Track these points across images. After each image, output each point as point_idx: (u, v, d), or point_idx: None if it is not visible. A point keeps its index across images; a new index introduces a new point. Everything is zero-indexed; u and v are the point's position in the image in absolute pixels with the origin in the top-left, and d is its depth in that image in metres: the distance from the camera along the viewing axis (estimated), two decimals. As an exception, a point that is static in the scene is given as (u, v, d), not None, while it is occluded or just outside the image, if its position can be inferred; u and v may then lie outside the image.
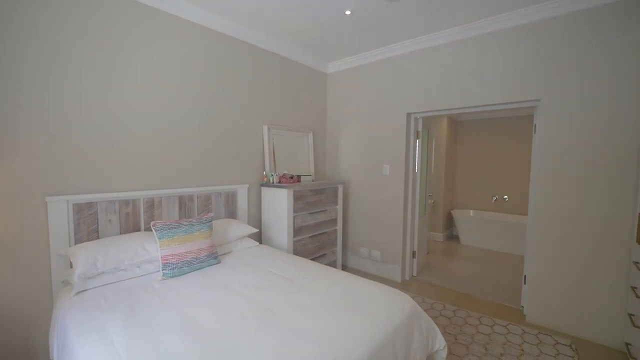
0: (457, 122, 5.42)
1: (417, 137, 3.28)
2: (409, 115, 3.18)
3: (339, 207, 3.37)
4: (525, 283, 2.71)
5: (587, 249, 2.24)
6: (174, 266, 1.87)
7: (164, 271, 1.84)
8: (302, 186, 2.86)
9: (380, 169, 3.36)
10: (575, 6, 2.19)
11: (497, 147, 5.01)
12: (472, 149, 5.28)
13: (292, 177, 3.08)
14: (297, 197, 2.84)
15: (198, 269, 1.98)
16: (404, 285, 3.18)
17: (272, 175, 2.95)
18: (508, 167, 4.90)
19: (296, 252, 2.86)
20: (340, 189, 3.37)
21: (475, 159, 5.26)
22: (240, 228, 2.51)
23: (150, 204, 2.23)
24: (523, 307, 2.71)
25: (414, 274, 3.42)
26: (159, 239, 1.90)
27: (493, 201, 5.04)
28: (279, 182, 2.98)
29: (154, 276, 1.86)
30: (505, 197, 4.93)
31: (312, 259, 3.04)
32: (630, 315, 1.91)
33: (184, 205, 2.43)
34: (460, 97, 2.79)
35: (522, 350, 2.11)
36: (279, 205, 2.81)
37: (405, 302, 1.63)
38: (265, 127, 3.04)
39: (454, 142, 5.36)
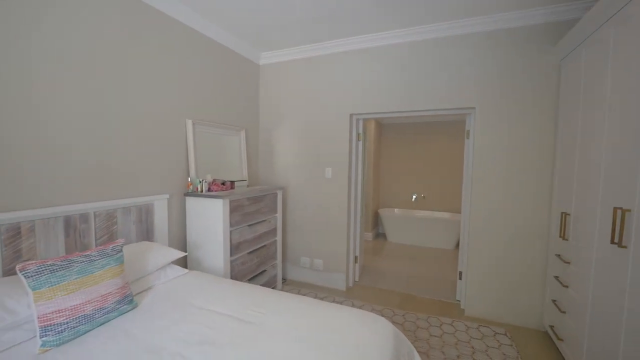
0: (380, 125, 5.67)
1: (359, 139, 3.19)
2: (351, 116, 3.06)
3: (279, 215, 3.02)
4: (460, 279, 2.90)
5: (513, 244, 2.49)
6: (63, 328, 1.23)
7: (44, 339, 1.19)
8: (239, 194, 2.41)
9: (322, 172, 3.14)
10: (506, 24, 2.39)
11: (415, 149, 5.42)
12: (394, 150, 5.60)
13: (224, 184, 2.60)
14: (234, 208, 2.37)
15: (104, 323, 1.37)
16: (349, 293, 3.04)
17: (200, 182, 2.40)
18: (425, 168, 5.36)
19: (234, 273, 2.40)
20: (280, 195, 3.02)
21: (396, 160, 5.58)
22: (162, 254, 1.92)
23: (14, 233, 1.48)
24: (459, 301, 2.89)
25: (356, 279, 3.34)
26: (34, 289, 1.22)
27: (413, 199, 5.45)
28: (210, 190, 2.46)
29: (25, 348, 1.19)
30: (423, 195, 5.38)
31: (251, 278, 2.63)
32: (554, 300, 2.17)
33: (74, 229, 1.71)
34: (404, 101, 2.79)
35: (472, 347, 2.19)
36: (211, 219, 2.29)
37: (388, 329, 1.43)
38: (189, 123, 2.45)
39: (379, 144, 5.59)
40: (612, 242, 1.47)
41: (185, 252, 2.37)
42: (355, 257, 3.29)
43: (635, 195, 1.35)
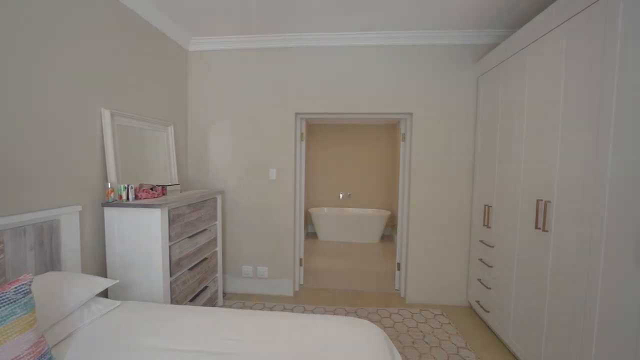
0: (310, 125, 5.70)
1: (302, 139, 3.10)
2: (296, 115, 2.95)
3: (219, 222, 2.68)
4: (398, 270, 3.15)
5: (443, 234, 2.84)
6: None
7: None
8: (176, 200, 2.02)
9: (265, 173, 2.94)
10: (438, 40, 2.69)
11: (341, 149, 5.65)
12: (320, 150, 5.72)
13: (154, 189, 2.15)
14: (173, 218, 1.98)
15: (13, 404, 0.93)
16: (297, 298, 2.94)
17: (124, 188, 1.91)
18: (350, 167, 5.65)
19: (174, 295, 2.00)
20: (219, 199, 2.68)
21: (322, 160, 5.72)
22: (83, 285, 1.44)
23: None
24: (398, 290, 3.14)
25: (302, 282, 3.26)
26: None
27: (340, 198, 5.68)
28: (137, 197, 1.99)
29: None
30: (349, 193, 5.67)
31: (193, 299, 2.26)
32: (479, 279, 2.57)
33: None
34: (348, 103, 2.84)
35: (421, 331, 2.40)
36: (144, 233, 1.85)
37: (381, 336, 1.41)
38: (106, 114, 1.92)
39: (309, 143, 5.61)
40: (536, 227, 1.82)
41: (107, 278, 1.85)
42: (300, 260, 3.20)
43: (554, 189, 1.70)
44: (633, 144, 1.22)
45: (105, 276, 1.91)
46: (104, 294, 1.85)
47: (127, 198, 1.92)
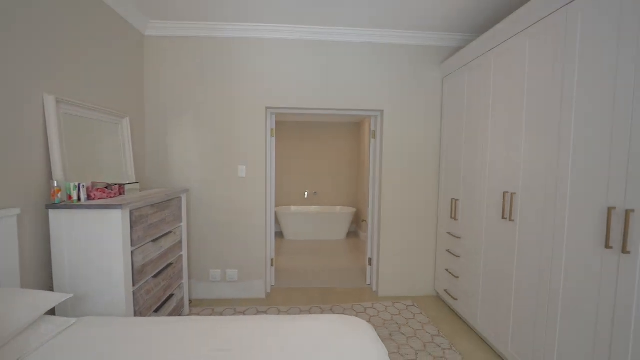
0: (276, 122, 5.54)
1: (272, 135, 2.99)
2: (267, 109, 2.83)
3: (184, 224, 2.46)
4: (370, 265, 3.20)
5: (412, 228, 2.95)
6: None
7: None
8: (138, 200, 1.80)
9: (234, 170, 2.77)
10: (409, 41, 2.78)
11: (306, 147, 5.60)
12: (285, 148, 5.61)
13: (108, 187, 1.90)
14: (136, 220, 1.76)
15: None
16: (270, 300, 2.83)
17: (74, 187, 1.65)
18: (316, 165, 5.62)
19: (138, 307, 1.78)
20: (184, 199, 2.47)
21: (287, 158, 5.62)
22: (30, 302, 1.20)
23: None
24: (370, 284, 3.19)
25: (273, 283, 3.15)
26: None
27: (306, 196, 5.63)
28: (90, 197, 1.74)
29: None
30: (315, 191, 5.65)
31: (158, 309, 2.04)
32: (447, 269, 2.71)
33: None
34: (320, 98, 2.80)
35: (397, 323, 2.46)
36: (101, 238, 1.61)
37: (372, 331, 1.40)
38: (50, 99, 1.63)
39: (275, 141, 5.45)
40: (503, 217, 1.96)
41: (55, 292, 1.58)
42: (272, 260, 3.09)
43: (519, 182, 1.84)
44: (591, 138, 1.36)
45: (52, 289, 1.63)
46: (52, 311, 1.58)
47: (79, 198, 1.66)
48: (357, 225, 5.56)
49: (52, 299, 1.27)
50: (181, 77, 2.68)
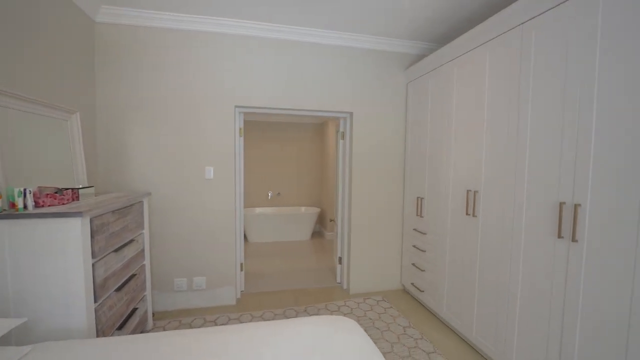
0: (231, 121, 5.35)
1: (241, 135, 2.89)
2: (236, 108, 2.72)
3: (146, 231, 2.26)
4: (340, 263, 3.25)
5: (379, 226, 3.07)
6: None
7: None
8: (101, 207, 1.61)
9: (200, 171, 2.62)
10: (377, 46, 2.88)
11: (269, 148, 5.50)
12: (248, 149, 5.44)
13: (59, 192, 1.68)
14: (97, 229, 1.57)
15: None
16: (241, 306, 2.73)
17: (19, 193, 1.42)
18: (279, 166, 5.55)
19: (100, 326, 1.59)
20: (146, 203, 2.27)
21: (250, 158, 5.46)
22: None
23: None
24: (340, 283, 3.25)
25: (243, 288, 3.04)
26: None
27: (269, 197, 5.52)
28: (39, 204, 1.52)
29: None
30: (279, 192, 5.57)
31: (121, 326, 1.85)
32: (413, 264, 2.88)
33: None
34: (289, 99, 2.77)
35: (370, 318, 2.54)
36: (56, 251, 1.41)
37: (360, 328, 1.43)
38: (-15, 91, 1.38)
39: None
40: (467, 214, 2.14)
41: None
42: (241, 265, 2.98)
43: (481, 180, 2.03)
44: (544, 141, 1.56)
45: (-9, 315, 1.38)
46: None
47: (25, 206, 1.43)
48: (321, 225, 5.62)
49: (4, 325, 1.08)
50: (139, 71, 2.45)
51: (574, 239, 1.42)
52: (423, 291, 2.72)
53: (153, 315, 2.51)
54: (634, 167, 1.20)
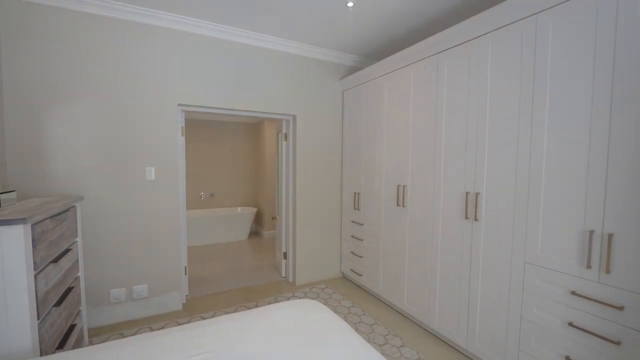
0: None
1: (182, 134, 2.79)
2: (179, 106, 2.63)
3: (80, 238, 2.04)
4: (285, 258, 3.42)
5: (321, 220, 3.35)
6: None
7: None
8: (42, 212, 1.45)
9: (141, 172, 2.46)
10: (319, 56, 3.13)
11: (200, 147, 5.26)
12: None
13: (-24, 200, 1.45)
14: (37, 238, 1.41)
15: None
16: (189, 310, 2.66)
17: None
18: (211, 166, 5.36)
19: (43, 345, 1.44)
20: (79, 208, 2.04)
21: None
22: None
23: None
24: (286, 277, 3.42)
25: (187, 293, 2.93)
26: None
27: (202, 198, 5.28)
28: (-43, 214, 1.30)
29: None
30: (212, 193, 5.37)
31: (61, 344, 1.68)
32: (352, 252, 3.24)
33: None
34: (235, 99, 2.81)
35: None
36: (-11, 265, 1.24)
37: (326, 308, 1.65)
38: None
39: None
40: (397, 205, 2.57)
41: None
42: (185, 268, 2.88)
43: (409, 176, 2.47)
44: (455, 143, 2.04)
45: None
46: None
47: (-58, 216, 1.21)
48: (258, 225, 5.64)
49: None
50: (65, 56, 2.17)
51: (476, 219, 1.92)
52: (361, 275, 3.10)
53: (90, 331, 2.27)
54: (512, 167, 1.72)
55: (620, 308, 1.30)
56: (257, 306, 2.73)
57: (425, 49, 2.26)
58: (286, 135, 3.32)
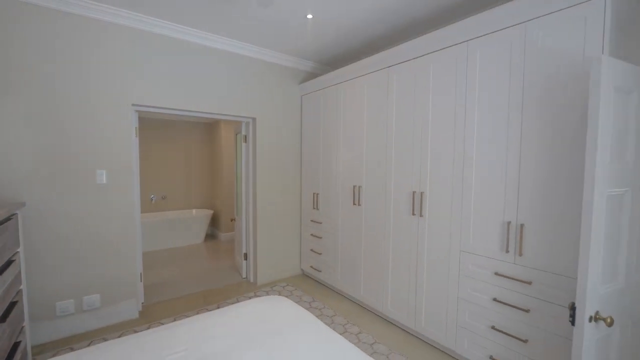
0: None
1: (136, 135, 2.67)
2: (133, 106, 2.52)
3: (22, 249, 1.88)
4: (246, 259, 3.45)
5: (281, 220, 3.45)
6: None
7: None
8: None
9: (91, 176, 2.32)
10: (279, 60, 3.22)
11: (149, 148, 4.98)
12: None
13: None
14: (-19, 249, 1.31)
15: None
16: (146, 317, 2.57)
17: None
18: (162, 167, 5.10)
19: (-12, 364, 1.34)
20: (20, 216, 1.88)
21: (125, 159, 4.81)
22: None
23: None
24: (246, 277, 3.45)
25: (143, 300, 2.82)
26: None
27: (152, 202, 5.01)
28: None
29: None
30: (163, 196, 5.12)
31: (5, 363, 1.57)
32: (312, 249, 3.39)
33: None
34: (193, 100, 2.78)
35: (281, 302, 2.89)
36: None
37: (291, 301, 1.77)
38: None
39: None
40: (354, 204, 2.78)
41: None
42: (140, 275, 2.77)
43: (363, 177, 2.69)
44: (403, 147, 2.29)
45: None
46: None
47: None
48: (214, 227, 5.52)
49: None
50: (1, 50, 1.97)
51: (421, 215, 2.19)
52: (321, 271, 3.27)
53: (36, 348, 2.09)
54: (450, 169, 2.01)
55: (529, 283, 1.64)
56: (218, 307, 2.74)
57: (377, 63, 2.49)
58: (246, 137, 3.35)
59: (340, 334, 2.31)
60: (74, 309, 2.30)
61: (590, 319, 1.21)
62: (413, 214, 2.25)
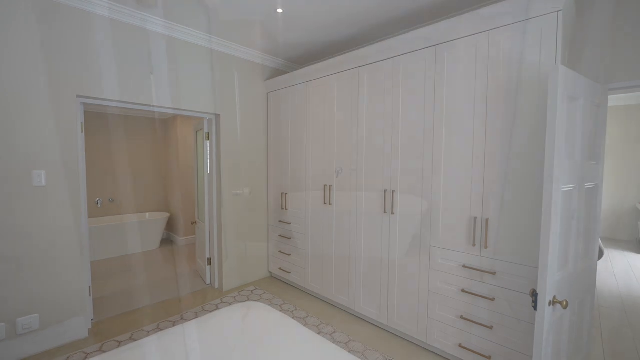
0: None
1: (82, 131, 2.37)
2: (78, 98, 2.22)
3: None
4: (209, 264, 3.26)
5: (249, 221, 3.32)
6: None
7: None
8: None
9: (26, 177, 1.99)
10: (244, 55, 3.07)
11: (96, 145, 4.46)
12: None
13: None
14: None
15: None
16: (98, 336, 2.29)
17: None
18: (111, 167, 4.61)
19: None
20: None
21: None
22: None
23: None
24: (210, 283, 3.26)
25: (92, 317, 2.51)
26: None
27: (98, 206, 4.50)
28: None
29: None
30: (111, 199, 4.63)
31: None
32: (280, 251, 3.30)
33: None
34: (149, 93, 2.54)
35: (250, 307, 2.77)
36: None
37: (268, 306, 1.69)
38: None
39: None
40: (324, 203, 2.77)
41: None
42: (89, 288, 2.46)
43: (333, 177, 2.69)
44: (376, 145, 2.34)
45: None
46: None
47: None
48: (171, 232, 5.14)
49: None
50: None
51: (392, 213, 2.25)
52: (290, 272, 3.21)
53: (-56, 389, 1.74)
54: (420, 167, 2.09)
55: (494, 273, 1.76)
56: (182, 319, 2.55)
57: (348, 61, 2.51)
58: (208, 134, 3.16)
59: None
60: (5, 334, 1.96)
61: (550, 303, 1.34)
62: (385, 212, 2.30)
